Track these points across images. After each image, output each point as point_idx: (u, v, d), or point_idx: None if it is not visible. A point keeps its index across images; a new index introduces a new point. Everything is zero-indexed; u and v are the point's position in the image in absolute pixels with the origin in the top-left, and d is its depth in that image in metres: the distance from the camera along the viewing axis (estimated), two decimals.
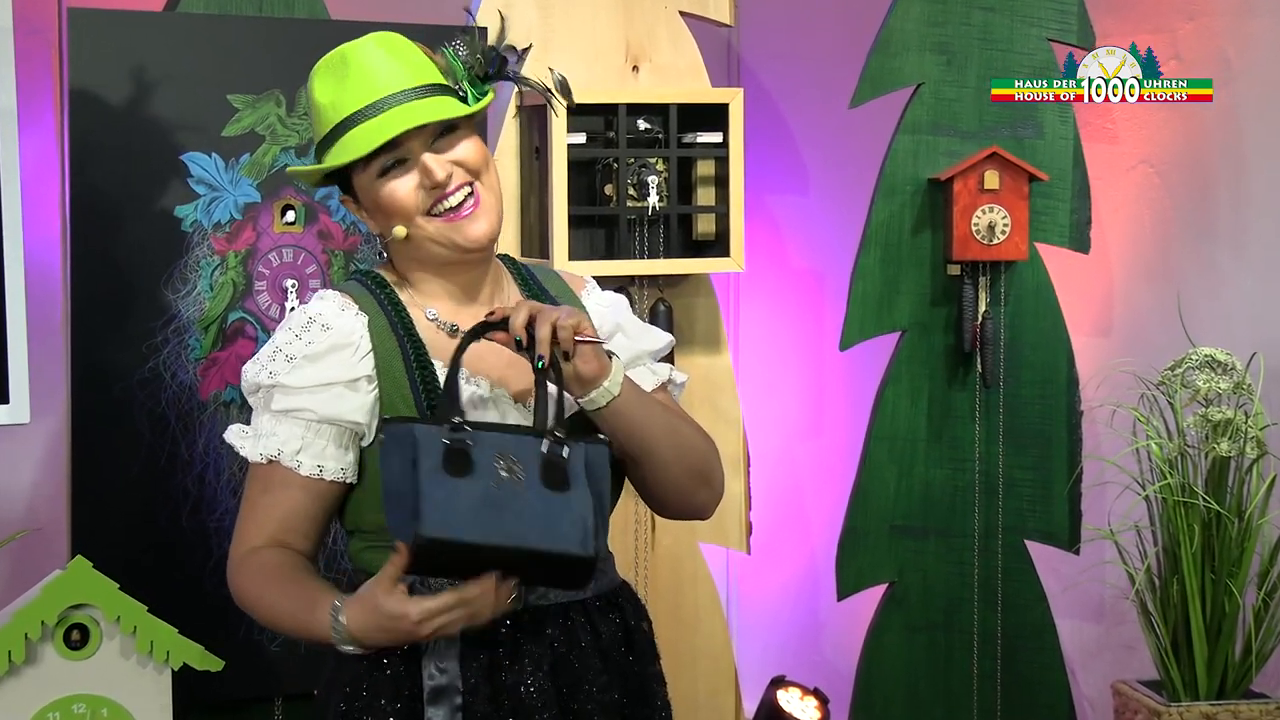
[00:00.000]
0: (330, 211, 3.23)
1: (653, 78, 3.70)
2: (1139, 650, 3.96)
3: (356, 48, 2.15)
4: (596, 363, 2.10)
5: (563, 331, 2.06)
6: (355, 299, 2.21)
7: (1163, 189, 4.25)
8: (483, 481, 2.00)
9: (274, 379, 2.16)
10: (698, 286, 3.79)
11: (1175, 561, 3.66)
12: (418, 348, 2.17)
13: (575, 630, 2.19)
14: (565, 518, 2.01)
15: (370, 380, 2.16)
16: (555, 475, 2.03)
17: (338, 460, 2.16)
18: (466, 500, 1.98)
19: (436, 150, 2.15)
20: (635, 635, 2.27)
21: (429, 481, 1.99)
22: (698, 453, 2.26)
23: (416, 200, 2.15)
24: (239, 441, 2.21)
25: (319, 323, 2.17)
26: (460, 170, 2.16)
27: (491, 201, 2.19)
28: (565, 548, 2.00)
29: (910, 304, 3.95)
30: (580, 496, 2.03)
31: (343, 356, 2.16)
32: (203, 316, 3.15)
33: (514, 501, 2.00)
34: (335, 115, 2.15)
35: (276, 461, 2.15)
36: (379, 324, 2.18)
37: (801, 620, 4.39)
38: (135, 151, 3.10)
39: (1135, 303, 4.27)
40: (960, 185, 3.85)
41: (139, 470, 3.11)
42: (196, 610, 3.07)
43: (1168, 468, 3.66)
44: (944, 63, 3.92)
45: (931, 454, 3.96)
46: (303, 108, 3.19)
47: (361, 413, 2.15)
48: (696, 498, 2.28)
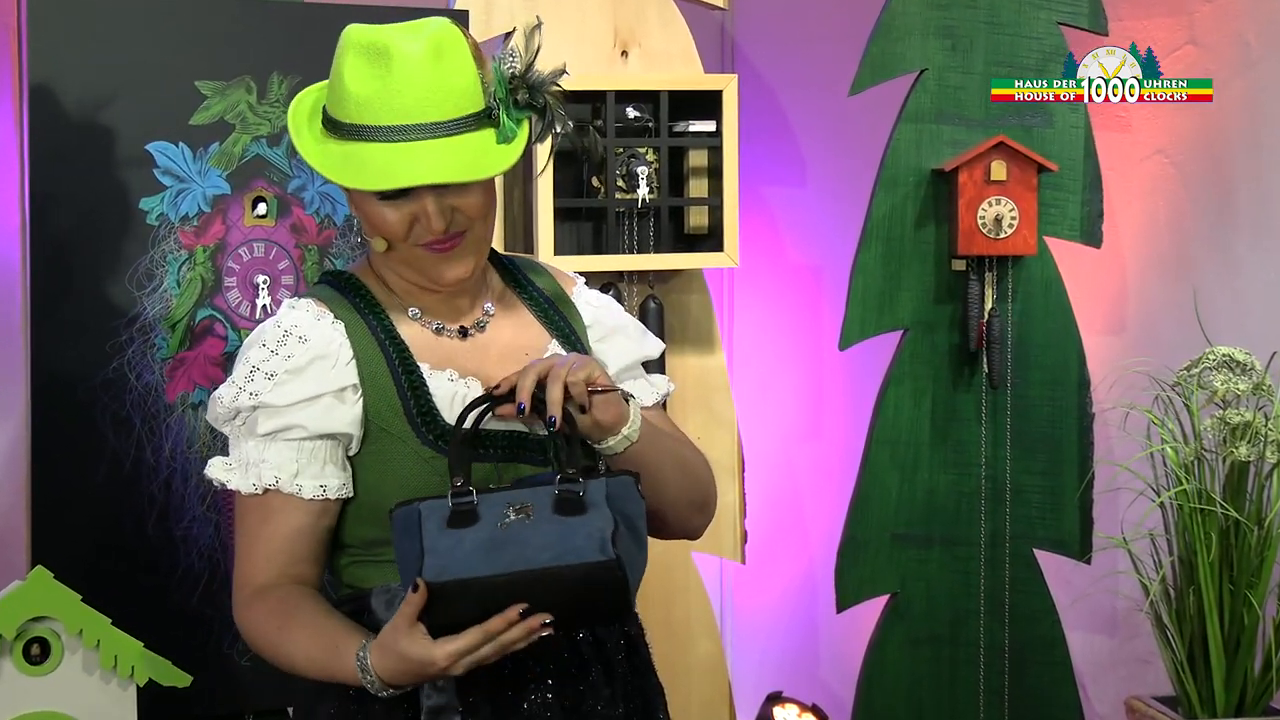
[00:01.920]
0: (304, 204, 3.24)
1: (642, 63, 3.71)
2: (1153, 665, 3.97)
3: (403, 45, 2.09)
4: (615, 410, 2.14)
5: (574, 387, 2.09)
6: (329, 305, 2.20)
7: (1178, 180, 4.26)
8: (490, 526, 2.01)
9: (256, 399, 2.14)
10: (690, 283, 3.80)
11: (1191, 571, 3.67)
12: (401, 351, 2.18)
13: (578, 644, 2.19)
14: (580, 533, 2.00)
15: (355, 389, 2.16)
16: (570, 505, 2.03)
17: (337, 477, 2.17)
18: (471, 544, 1.99)
19: (442, 193, 2.12)
20: (638, 646, 2.29)
21: (431, 538, 2.00)
22: (701, 483, 2.32)
23: (405, 231, 2.15)
24: (224, 476, 2.18)
25: (295, 335, 2.17)
26: (461, 218, 2.15)
27: (476, 247, 2.18)
28: (578, 559, 1.98)
29: (913, 301, 3.96)
30: (598, 517, 2.02)
31: (325, 366, 2.15)
32: (169, 314, 3.16)
33: (523, 534, 2.00)
34: (358, 115, 2.11)
35: (275, 490, 2.15)
36: (358, 329, 2.18)
37: (799, 633, 4.40)
38: (98, 141, 3.11)
39: (1149, 299, 4.28)
40: (965, 176, 3.86)
41: (102, 476, 3.12)
42: (163, 623, 3.07)
43: (1184, 473, 3.67)
44: (948, 48, 3.94)
45: (935, 458, 3.98)
46: (275, 95, 3.20)
47: (352, 424, 2.16)
48: (692, 523, 2.34)
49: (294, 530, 2.16)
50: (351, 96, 2.11)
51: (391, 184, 2.09)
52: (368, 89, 2.10)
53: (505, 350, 2.25)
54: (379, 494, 2.17)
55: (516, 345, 2.26)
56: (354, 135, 2.11)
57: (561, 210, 3.55)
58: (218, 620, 3.14)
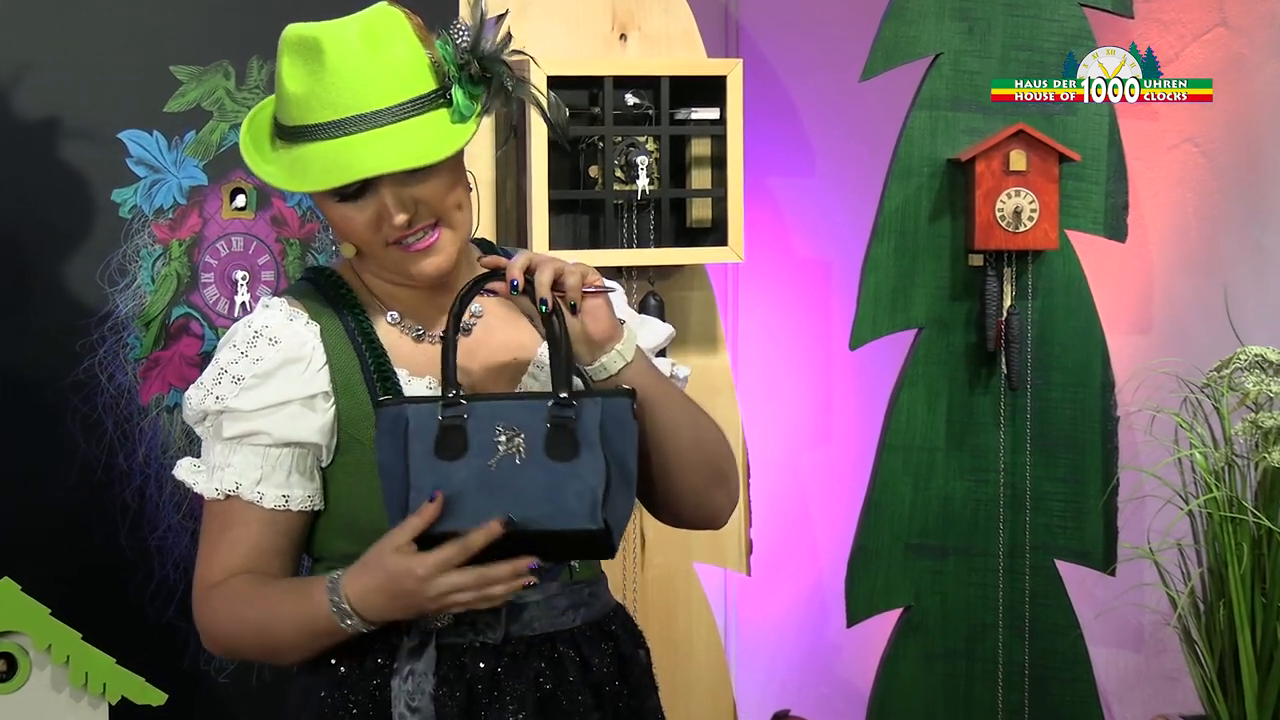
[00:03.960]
0: (285, 196, 3.25)
1: (642, 47, 3.71)
2: (1182, 682, 3.98)
3: (335, 37, 2.09)
4: (607, 322, 2.11)
5: (569, 278, 2.08)
6: (305, 305, 2.20)
7: (1208, 170, 4.27)
8: (478, 461, 2.03)
9: (222, 404, 2.15)
10: (692, 279, 3.80)
11: (1222, 584, 3.68)
12: (378, 357, 2.17)
13: (563, 663, 2.19)
14: (570, 490, 2.04)
15: (327, 396, 2.16)
16: (561, 442, 2.05)
17: (303, 488, 2.17)
18: (459, 486, 2.02)
19: (403, 183, 2.12)
20: (631, 666, 2.27)
21: (418, 469, 2.03)
22: (717, 445, 2.26)
23: (371, 235, 2.14)
24: (191, 478, 2.20)
25: (266, 336, 2.17)
26: (425, 209, 2.14)
27: (452, 240, 2.17)
28: (569, 524, 2.03)
29: (927, 298, 3.96)
30: (589, 463, 2.05)
31: (295, 371, 2.16)
32: (143, 312, 3.17)
33: (513, 480, 2.03)
34: (300, 115, 2.12)
35: (236, 496, 2.16)
36: (334, 332, 2.18)
37: (807, 649, 4.40)
38: (68, 129, 3.11)
39: (1177, 296, 4.29)
40: (983, 166, 3.87)
41: (72, 483, 3.13)
42: (136, 638, 3.08)
43: (1213, 479, 3.67)
44: (965, 30, 3.94)
45: (951, 464, 3.98)
46: (254, 80, 3.21)
47: (321, 433, 2.16)
48: (713, 498, 2.27)
49: (255, 538, 2.16)
50: (291, 98, 2.12)
51: (333, 181, 2.09)
52: (303, 87, 2.10)
53: (492, 354, 2.25)
54: (351, 506, 2.18)
55: (504, 348, 2.26)
56: (299, 138, 2.12)
57: (556, 202, 3.55)
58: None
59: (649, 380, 2.16)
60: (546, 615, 2.19)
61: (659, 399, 2.17)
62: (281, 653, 2.17)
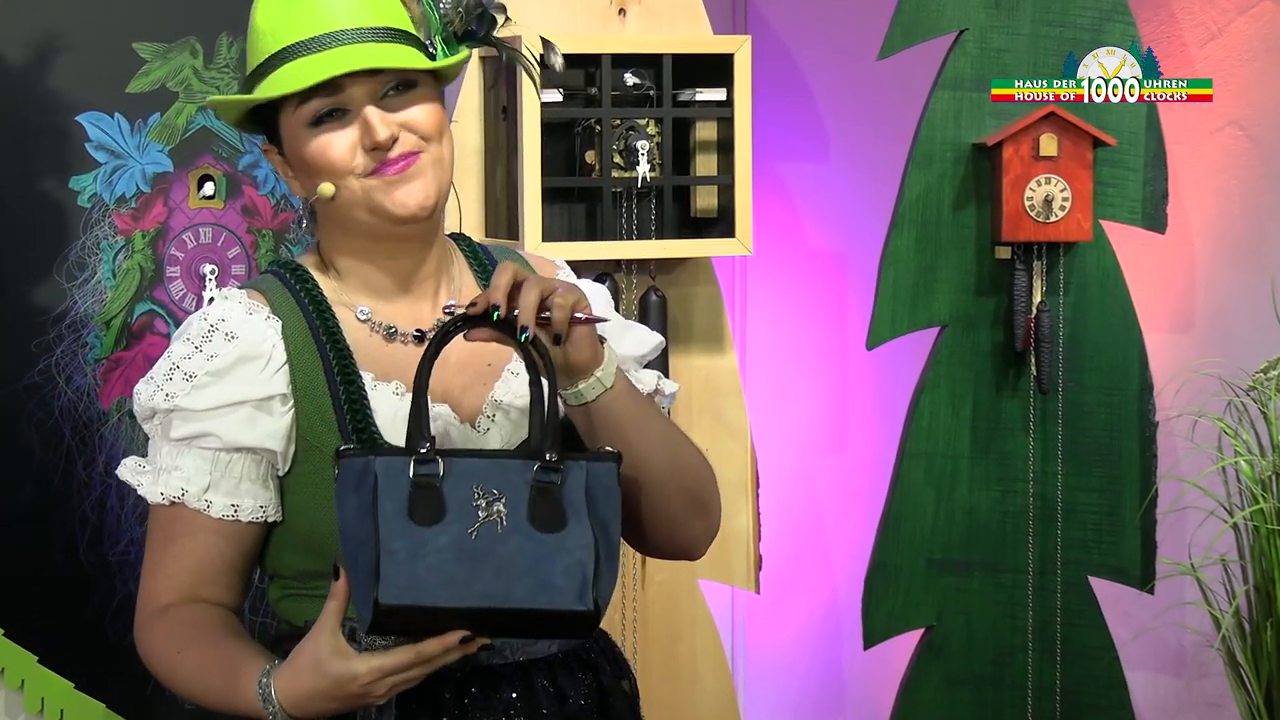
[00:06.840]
0: (256, 184, 3.25)
1: (643, 23, 3.72)
2: (1225, 708, 3.98)
3: None
4: (591, 351, 2.08)
5: (558, 311, 2.04)
6: (268, 299, 2.19)
7: (1255, 155, 4.27)
8: (458, 528, 1.98)
9: (172, 402, 2.14)
10: (696, 273, 3.81)
11: (1269, 602, 3.69)
12: (342, 357, 2.16)
13: (536, 694, 2.17)
14: (557, 566, 1.99)
15: (285, 399, 2.15)
16: (547, 511, 2.01)
17: (254, 497, 2.16)
18: (436, 555, 1.97)
19: (385, 107, 2.15)
20: (612, 697, 2.25)
21: (390, 532, 1.97)
22: (696, 472, 2.25)
23: (351, 161, 2.15)
24: (135, 479, 2.19)
25: (222, 331, 2.16)
26: (408, 135, 2.15)
27: (434, 170, 2.17)
28: (553, 604, 1.98)
29: (950, 294, 3.97)
30: (577, 535, 2.01)
31: (252, 370, 2.14)
32: (104, 309, 3.17)
33: (495, 550, 1.98)
34: (273, 43, 2.14)
35: (181, 503, 2.15)
36: (296, 329, 2.17)
37: (821, 672, 4.41)
38: (21, 112, 3.12)
39: (1221, 292, 4.29)
40: (1011, 152, 3.87)
41: (28, 493, 3.13)
42: (96, 661, 3.08)
43: (1260, 490, 3.68)
44: (992, 4, 3.95)
45: (976, 473, 3.99)
46: (224, 59, 3.21)
47: (276, 439, 2.15)
48: (690, 528, 2.26)
49: (201, 552, 2.15)
50: (263, 32, 2.16)
51: (315, 77, 2.11)
52: (277, 16, 2.15)
53: (467, 357, 2.22)
54: (309, 519, 2.16)
55: (481, 351, 2.22)
56: (272, 66, 2.15)
57: (550, 190, 3.56)
58: None
59: (626, 405, 2.14)
60: (519, 641, 2.17)
61: (636, 421, 2.15)
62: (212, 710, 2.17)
